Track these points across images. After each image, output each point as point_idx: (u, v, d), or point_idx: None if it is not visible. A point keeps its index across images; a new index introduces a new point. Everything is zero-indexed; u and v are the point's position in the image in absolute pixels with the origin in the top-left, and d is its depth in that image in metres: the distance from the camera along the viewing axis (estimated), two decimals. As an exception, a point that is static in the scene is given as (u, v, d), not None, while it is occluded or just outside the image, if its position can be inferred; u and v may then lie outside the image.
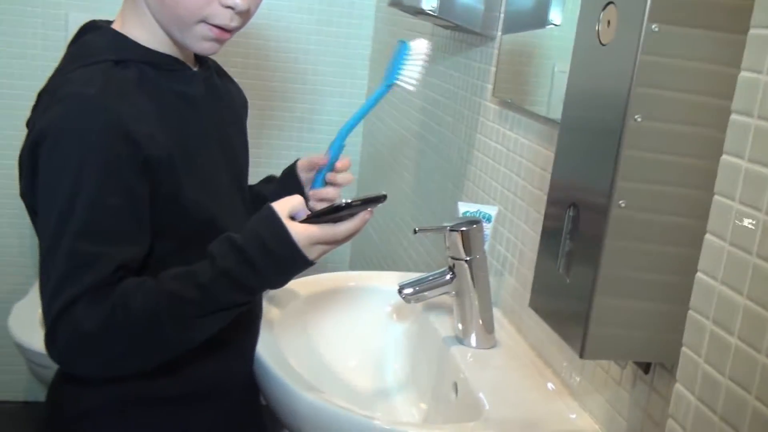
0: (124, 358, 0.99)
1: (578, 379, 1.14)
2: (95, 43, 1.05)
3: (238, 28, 1.06)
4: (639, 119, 0.79)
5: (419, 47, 1.24)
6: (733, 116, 0.69)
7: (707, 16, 0.77)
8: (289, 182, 1.29)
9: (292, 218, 1.00)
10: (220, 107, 1.17)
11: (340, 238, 1.01)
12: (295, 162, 1.31)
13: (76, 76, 1.00)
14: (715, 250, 0.71)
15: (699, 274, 0.73)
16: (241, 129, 1.25)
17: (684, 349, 0.75)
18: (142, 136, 0.98)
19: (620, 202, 0.81)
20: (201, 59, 1.16)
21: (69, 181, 0.95)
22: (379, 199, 1.01)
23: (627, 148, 0.80)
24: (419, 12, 1.60)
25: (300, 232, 0.98)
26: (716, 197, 0.71)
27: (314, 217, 1.01)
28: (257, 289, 1.02)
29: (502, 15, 1.51)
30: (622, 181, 0.80)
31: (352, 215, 1.01)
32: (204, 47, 1.06)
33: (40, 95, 1.04)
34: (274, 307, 1.35)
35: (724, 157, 0.70)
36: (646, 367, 0.95)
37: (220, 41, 1.06)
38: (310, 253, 1.00)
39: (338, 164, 1.26)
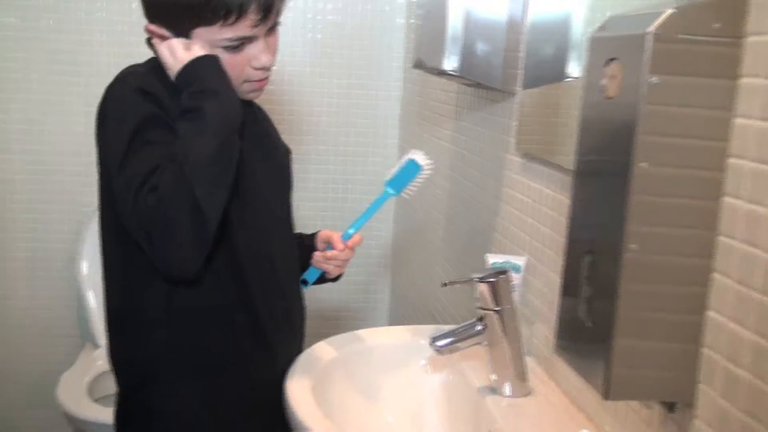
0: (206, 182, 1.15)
1: (611, 422, 1.15)
2: (138, 64, 1.31)
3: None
4: (645, 166, 0.82)
5: (426, 167, 1.45)
6: (730, 160, 0.72)
7: (702, 66, 0.80)
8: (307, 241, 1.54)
9: None
10: (260, 141, 1.41)
11: None
12: (317, 232, 1.54)
13: (122, 71, 1.26)
14: (723, 288, 0.73)
15: (709, 312, 0.76)
16: (281, 163, 1.52)
17: (700, 385, 0.77)
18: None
19: (632, 245, 0.84)
20: (245, 103, 1.34)
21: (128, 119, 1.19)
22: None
23: (636, 194, 0.83)
24: (442, 73, 1.65)
25: None
26: (720, 237, 0.74)
27: None
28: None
29: (520, 72, 1.56)
30: (633, 225, 0.83)
31: None
32: (251, 96, 1.35)
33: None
34: (310, 364, 1.38)
35: (724, 198, 0.73)
36: (671, 407, 0.97)
37: (263, 88, 1.34)
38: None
39: (349, 242, 1.46)
